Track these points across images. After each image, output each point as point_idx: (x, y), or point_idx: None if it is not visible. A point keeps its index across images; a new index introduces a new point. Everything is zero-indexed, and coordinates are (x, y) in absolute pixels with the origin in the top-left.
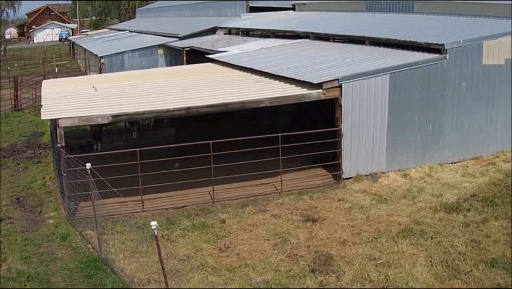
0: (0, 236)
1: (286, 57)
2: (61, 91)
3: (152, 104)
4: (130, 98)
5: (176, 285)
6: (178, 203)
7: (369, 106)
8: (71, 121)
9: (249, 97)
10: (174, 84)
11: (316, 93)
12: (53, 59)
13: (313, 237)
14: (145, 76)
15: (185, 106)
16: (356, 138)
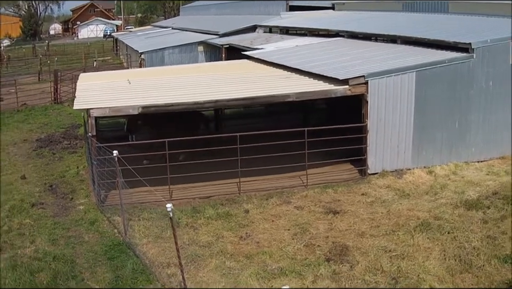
0: (31, 220)
1: (318, 54)
2: (95, 84)
3: (182, 97)
4: (161, 91)
5: (194, 269)
6: (205, 193)
7: (395, 103)
8: (102, 111)
9: (277, 92)
10: (205, 79)
11: (342, 89)
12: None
13: (333, 228)
14: (179, 71)
15: (214, 99)
16: (381, 134)
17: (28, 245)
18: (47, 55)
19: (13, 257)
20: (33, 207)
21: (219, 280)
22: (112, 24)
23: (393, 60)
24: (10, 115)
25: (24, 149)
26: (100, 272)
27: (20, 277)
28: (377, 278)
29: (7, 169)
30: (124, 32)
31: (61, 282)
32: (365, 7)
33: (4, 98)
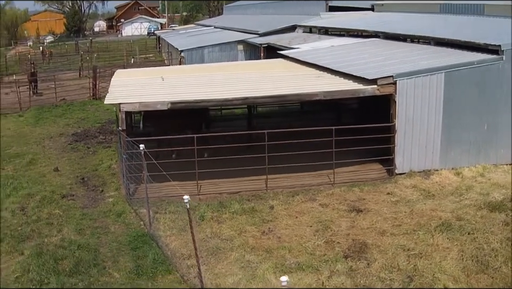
0: (61, 210)
1: (351, 54)
2: (129, 80)
3: (211, 93)
4: (192, 88)
5: (214, 261)
6: (233, 189)
7: (424, 104)
8: (132, 106)
9: (305, 91)
10: (237, 77)
11: (370, 88)
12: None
13: (355, 226)
14: (213, 69)
15: (242, 97)
16: (409, 134)
17: (55, 233)
18: (89, 51)
19: (39, 245)
20: (63, 198)
21: (237, 273)
22: (156, 22)
23: (424, 61)
24: (48, 110)
25: (60, 143)
26: (122, 261)
27: (43, 263)
28: (393, 276)
29: (41, 162)
30: (167, 30)
31: (83, 270)
32: (403, 8)
33: (43, 93)
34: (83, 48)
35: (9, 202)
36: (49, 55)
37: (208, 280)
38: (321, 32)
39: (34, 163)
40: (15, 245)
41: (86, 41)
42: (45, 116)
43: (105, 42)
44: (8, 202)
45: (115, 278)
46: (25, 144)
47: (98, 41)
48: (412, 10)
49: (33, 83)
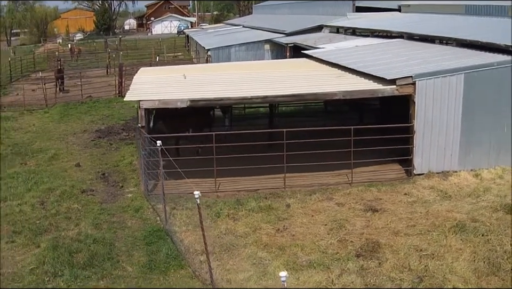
0: (80, 205)
1: (374, 55)
2: (152, 78)
3: (231, 92)
4: (213, 86)
5: (227, 257)
6: (252, 186)
7: (443, 105)
8: (152, 103)
9: (324, 90)
10: (259, 75)
11: (389, 89)
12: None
13: (369, 225)
14: (237, 67)
15: (262, 95)
16: (428, 135)
17: (72, 227)
18: (118, 49)
19: (56, 238)
20: (83, 193)
21: (248, 269)
22: (186, 21)
23: (444, 62)
24: (74, 106)
25: (83, 139)
26: (136, 255)
27: (58, 256)
28: (403, 276)
29: (64, 157)
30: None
31: (97, 263)
32: (430, 9)
33: (70, 90)
34: (112, 46)
35: (29, 197)
36: (78, 53)
37: (219, 275)
38: (347, 33)
39: (56, 158)
40: (32, 237)
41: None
42: (70, 113)
43: (134, 40)
44: (28, 197)
45: (128, 272)
46: (48, 139)
47: (128, 40)
48: (438, 11)
49: (60, 80)
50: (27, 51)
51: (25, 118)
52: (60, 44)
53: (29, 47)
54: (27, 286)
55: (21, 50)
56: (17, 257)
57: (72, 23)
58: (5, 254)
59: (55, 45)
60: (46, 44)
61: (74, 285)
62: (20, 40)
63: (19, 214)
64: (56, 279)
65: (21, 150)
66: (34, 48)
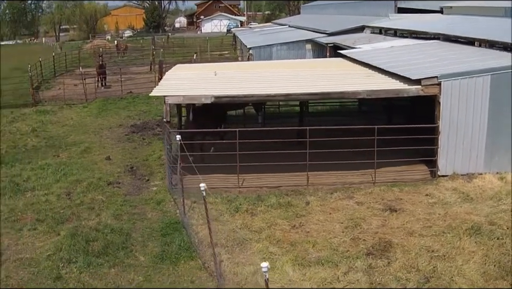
0: (104, 196)
1: (406, 55)
2: (183, 74)
3: (256, 89)
4: (240, 83)
5: (239, 251)
6: (274, 183)
7: (469, 106)
8: (177, 99)
9: (349, 89)
10: (289, 74)
11: (414, 89)
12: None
13: (385, 225)
14: (270, 66)
15: (285, 93)
16: (453, 137)
17: (93, 217)
18: (164, 47)
19: (76, 227)
20: (109, 185)
21: (256, 263)
22: (236, 20)
23: (475, 63)
24: (113, 101)
25: (117, 133)
26: (150, 246)
27: (75, 243)
28: (410, 276)
29: (96, 151)
30: (243, 28)
31: (111, 251)
32: (472, 11)
33: (111, 86)
34: (159, 44)
35: (57, 187)
36: (124, 49)
37: (228, 268)
38: (387, 33)
39: (88, 151)
40: (53, 226)
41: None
42: (108, 108)
43: (181, 38)
44: (56, 187)
45: (140, 261)
46: (83, 133)
47: (176, 37)
48: (479, 13)
49: (101, 75)
50: (74, 47)
51: (64, 112)
52: (108, 41)
53: (77, 43)
54: (42, 271)
55: (68, 46)
56: (37, 243)
57: (122, 20)
58: (26, 240)
59: (102, 41)
60: (94, 40)
61: (86, 271)
62: (69, 36)
63: (44, 204)
64: (70, 265)
65: (55, 142)
66: (82, 44)
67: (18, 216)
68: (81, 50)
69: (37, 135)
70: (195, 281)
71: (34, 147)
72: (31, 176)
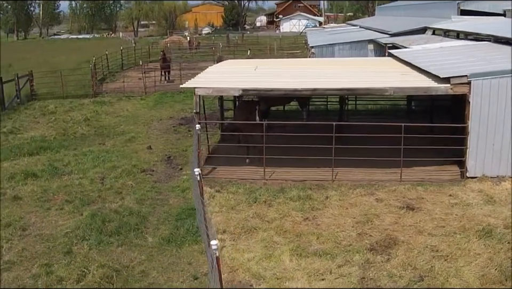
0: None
1: (448, 55)
2: (224, 68)
3: (285, 83)
4: (274, 77)
5: (245, 238)
6: (300, 177)
7: (500, 106)
8: (206, 90)
9: (375, 85)
10: (327, 71)
11: (443, 87)
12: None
13: (398, 222)
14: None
15: (312, 88)
16: (483, 137)
17: (117, 201)
18: (237, 44)
19: (99, 208)
20: (142, 172)
21: (256, 250)
22: (314, 20)
23: None
24: (171, 95)
25: (166, 125)
26: (162, 229)
27: (91, 223)
28: (404, 273)
29: (140, 140)
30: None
31: (123, 232)
32: None
33: (175, 80)
34: (233, 41)
35: (93, 172)
36: (197, 46)
37: (228, 253)
38: (445, 35)
39: (133, 141)
40: (79, 207)
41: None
42: (164, 101)
43: (256, 37)
44: (92, 172)
45: (147, 242)
46: (133, 124)
47: (250, 36)
48: None
49: (165, 70)
50: (150, 42)
51: (121, 104)
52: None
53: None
54: (56, 246)
55: (144, 41)
56: (60, 222)
57: (202, 17)
58: (51, 218)
59: (178, 37)
60: (170, 36)
61: (95, 248)
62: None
63: (77, 186)
64: (82, 242)
65: (104, 131)
66: (158, 40)
67: (50, 196)
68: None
69: (88, 124)
70: (192, 263)
71: (83, 135)
72: (71, 161)
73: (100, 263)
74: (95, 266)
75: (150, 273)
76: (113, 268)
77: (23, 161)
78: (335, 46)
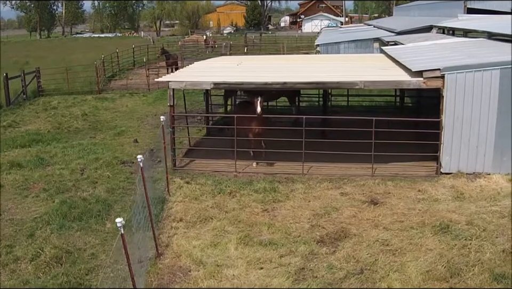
0: (112, 173)
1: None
2: (209, 64)
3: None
4: (252, 72)
5: (199, 227)
6: (271, 171)
7: (476, 101)
8: (179, 84)
9: (346, 79)
10: (306, 66)
11: (415, 81)
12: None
13: (356, 216)
14: (301, 59)
15: (281, 81)
16: (458, 133)
17: (89, 190)
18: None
19: (70, 196)
20: (122, 164)
21: (205, 239)
22: (336, 21)
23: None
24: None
25: (158, 120)
26: (123, 216)
27: (59, 208)
28: (345, 265)
29: (129, 134)
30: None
31: (84, 218)
32: None
33: None
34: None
35: (76, 164)
36: (213, 45)
37: (177, 240)
38: (448, 33)
39: (122, 134)
40: (53, 195)
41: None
42: (164, 97)
43: (274, 36)
44: (75, 163)
45: (105, 228)
46: (128, 119)
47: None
48: None
49: (171, 66)
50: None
51: (122, 100)
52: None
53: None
54: (22, 230)
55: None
56: (33, 208)
57: (225, 17)
58: (26, 205)
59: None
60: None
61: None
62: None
63: (57, 176)
64: (46, 226)
65: (97, 126)
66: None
67: (30, 185)
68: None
69: (85, 119)
70: (141, 248)
71: (77, 129)
72: (58, 153)
73: (54, 245)
74: (49, 247)
75: (99, 256)
76: (66, 250)
77: (14, 153)
78: (341, 44)
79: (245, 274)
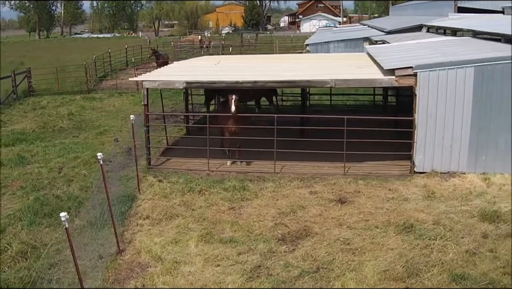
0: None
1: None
2: (187, 64)
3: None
4: (225, 72)
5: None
6: (244, 170)
7: (450, 99)
8: (152, 83)
9: (317, 78)
10: (279, 65)
11: (387, 79)
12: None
13: (322, 214)
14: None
15: (252, 80)
16: (431, 132)
17: (64, 188)
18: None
19: (44, 194)
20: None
21: (167, 236)
22: (334, 21)
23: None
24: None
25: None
26: (92, 213)
27: (32, 205)
28: (301, 264)
29: (111, 134)
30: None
31: (55, 214)
32: None
33: None
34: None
35: (55, 162)
36: (208, 45)
37: (140, 236)
38: (439, 32)
39: (104, 134)
40: (29, 192)
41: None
42: (154, 97)
43: (270, 36)
44: (54, 162)
45: (73, 224)
46: (113, 118)
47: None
48: None
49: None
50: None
51: (111, 100)
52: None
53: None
54: None
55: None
56: (9, 205)
57: (224, 18)
58: (2, 202)
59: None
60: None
61: (26, 228)
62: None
63: (36, 174)
64: (17, 222)
65: (82, 125)
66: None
67: (8, 183)
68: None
69: (70, 118)
70: (104, 245)
71: (61, 129)
72: (39, 152)
73: (22, 240)
74: (17, 243)
75: (63, 251)
76: (32, 245)
77: None
78: (330, 44)
79: (201, 271)
